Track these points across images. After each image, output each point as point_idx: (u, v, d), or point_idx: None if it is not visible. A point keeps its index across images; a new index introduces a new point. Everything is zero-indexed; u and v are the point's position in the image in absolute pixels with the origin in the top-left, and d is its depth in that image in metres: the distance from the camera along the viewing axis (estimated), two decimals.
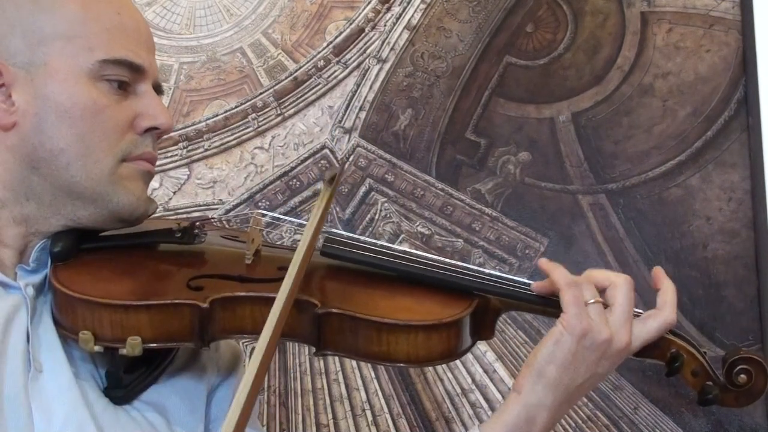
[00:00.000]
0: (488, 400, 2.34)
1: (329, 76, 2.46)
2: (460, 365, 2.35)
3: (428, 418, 2.35)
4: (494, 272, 1.46)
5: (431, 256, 1.48)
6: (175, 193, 2.41)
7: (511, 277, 1.46)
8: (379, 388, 2.34)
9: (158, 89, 1.46)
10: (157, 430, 1.41)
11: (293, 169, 2.43)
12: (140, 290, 1.39)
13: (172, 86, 2.44)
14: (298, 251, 1.34)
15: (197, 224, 1.48)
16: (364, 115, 2.44)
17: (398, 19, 2.46)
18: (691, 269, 2.37)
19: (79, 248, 1.42)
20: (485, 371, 2.35)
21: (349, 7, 2.48)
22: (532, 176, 2.42)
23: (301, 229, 1.42)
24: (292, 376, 2.35)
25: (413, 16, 2.46)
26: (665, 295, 1.43)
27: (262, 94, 2.45)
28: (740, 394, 1.43)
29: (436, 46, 2.46)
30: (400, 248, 1.50)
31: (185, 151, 2.43)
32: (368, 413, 2.34)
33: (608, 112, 2.43)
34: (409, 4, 2.46)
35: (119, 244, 1.45)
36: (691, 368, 1.43)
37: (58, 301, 1.36)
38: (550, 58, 2.46)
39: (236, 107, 2.45)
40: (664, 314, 1.41)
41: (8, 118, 1.38)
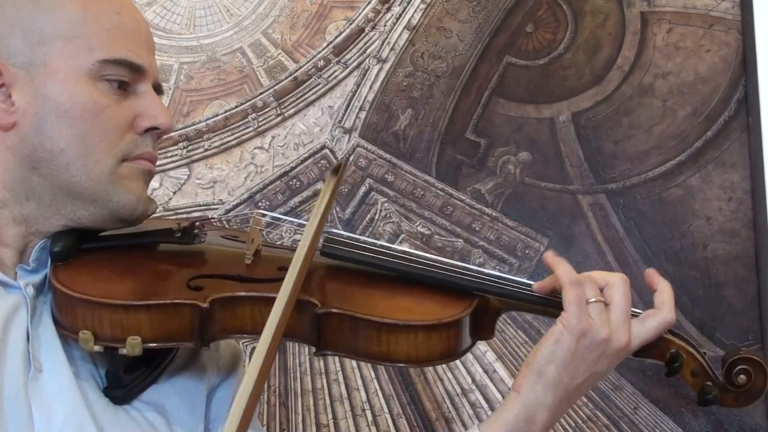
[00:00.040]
0: (488, 400, 2.34)
1: (329, 76, 2.46)
2: (460, 365, 2.35)
3: (428, 418, 2.35)
4: (494, 272, 1.46)
5: (431, 256, 1.49)
6: (175, 193, 2.41)
7: (510, 277, 1.46)
8: (379, 388, 2.34)
9: (158, 89, 1.46)
10: (157, 430, 1.41)
11: (293, 169, 2.43)
12: (140, 290, 1.39)
13: (172, 86, 2.44)
14: (301, 244, 1.34)
15: (197, 224, 1.48)
16: (364, 115, 2.44)
17: (398, 19, 2.46)
18: (691, 269, 2.37)
19: (79, 248, 1.42)
20: (485, 371, 2.35)
21: (349, 7, 2.48)
22: (532, 176, 2.42)
23: (301, 229, 1.43)
24: (292, 376, 2.35)
25: (413, 16, 2.46)
26: (662, 294, 1.43)
27: (262, 94, 2.45)
28: (740, 394, 1.43)
29: (436, 46, 2.46)
30: (399, 248, 1.51)
31: (185, 151, 2.43)
32: (368, 413, 2.34)
33: (608, 112, 2.43)
34: (409, 4, 2.46)
35: (119, 244, 1.45)
36: (690, 368, 1.43)
37: (58, 300, 1.36)
38: (550, 58, 2.46)
39: (236, 107, 2.45)
40: (662, 313, 1.41)
41: (8, 118, 1.38)
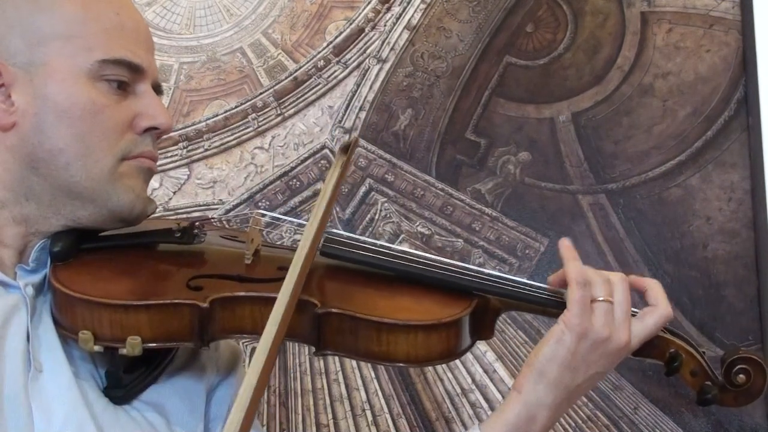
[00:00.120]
0: (488, 400, 2.34)
1: (329, 76, 2.46)
2: (460, 365, 2.35)
3: (428, 418, 2.35)
4: (494, 272, 1.46)
5: (431, 255, 1.49)
6: (175, 193, 2.41)
7: (510, 277, 1.46)
8: (379, 388, 2.34)
9: (158, 89, 1.46)
10: (156, 429, 1.42)
11: (293, 169, 2.43)
12: (140, 290, 1.39)
13: (172, 86, 2.43)
14: (306, 230, 1.35)
15: (197, 224, 1.49)
16: (364, 115, 2.44)
17: (398, 19, 2.46)
18: (691, 269, 2.36)
19: (78, 248, 1.42)
20: (485, 371, 2.35)
21: (349, 7, 2.48)
22: (532, 176, 2.42)
23: (301, 229, 1.42)
24: (292, 376, 2.34)
25: (413, 16, 2.46)
26: (654, 291, 1.44)
27: (262, 94, 2.45)
28: (739, 393, 1.43)
29: (436, 46, 2.46)
30: (399, 248, 1.50)
31: (185, 151, 2.43)
32: (368, 413, 2.34)
33: (608, 112, 2.43)
34: (409, 4, 2.46)
35: (119, 243, 1.45)
36: (689, 368, 1.43)
37: (57, 300, 1.36)
38: (550, 58, 2.46)
39: (236, 107, 2.45)
40: (659, 309, 1.42)
41: (8, 118, 1.38)
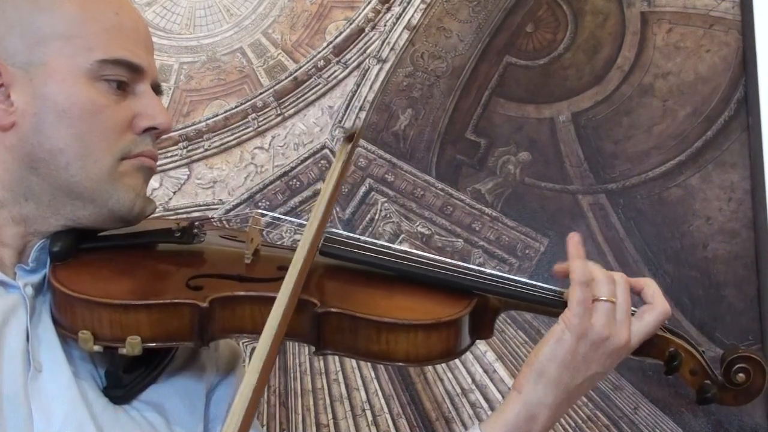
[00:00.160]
0: (488, 400, 2.34)
1: (329, 76, 2.46)
2: (460, 365, 2.35)
3: (428, 418, 2.35)
4: (493, 272, 1.46)
5: (430, 255, 1.49)
6: (175, 193, 2.41)
7: (510, 276, 1.46)
8: (379, 388, 2.34)
9: (157, 89, 1.46)
10: (156, 429, 1.42)
11: (293, 169, 2.43)
12: (139, 290, 1.39)
13: (172, 86, 2.43)
14: (306, 232, 1.35)
15: (196, 224, 1.49)
16: (364, 115, 2.44)
17: (398, 19, 2.46)
18: (691, 269, 2.36)
19: (78, 248, 1.42)
20: (485, 371, 2.35)
21: (349, 7, 2.48)
22: (532, 176, 2.42)
23: (301, 229, 1.42)
24: (292, 376, 2.34)
25: (413, 16, 2.46)
26: (649, 289, 1.44)
27: (262, 94, 2.45)
28: (739, 392, 1.43)
29: (436, 46, 2.46)
30: (399, 248, 1.50)
31: (185, 151, 2.43)
32: (368, 413, 2.34)
33: (608, 112, 2.43)
34: (409, 4, 2.46)
35: (118, 243, 1.45)
36: (689, 367, 1.43)
37: (57, 300, 1.36)
38: (550, 58, 2.46)
39: (236, 107, 2.45)
40: (657, 307, 1.42)
41: (7, 118, 1.38)
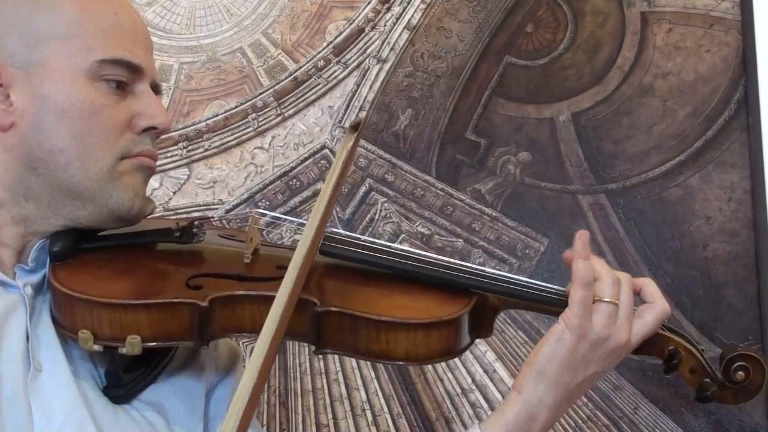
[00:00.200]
0: (488, 400, 2.34)
1: (329, 76, 2.46)
2: (460, 365, 2.35)
3: (428, 418, 2.34)
4: (493, 270, 1.46)
5: (430, 254, 1.49)
6: (175, 193, 2.41)
7: (509, 275, 1.46)
8: (379, 388, 2.34)
9: (156, 89, 1.46)
10: (156, 429, 1.42)
11: (293, 169, 2.43)
12: (139, 289, 1.39)
13: (172, 86, 2.43)
14: (307, 227, 1.35)
15: (196, 223, 1.49)
16: (364, 115, 2.44)
17: (398, 19, 2.46)
18: (691, 269, 2.36)
19: (77, 248, 1.42)
20: (485, 371, 2.35)
21: (349, 7, 2.48)
22: (532, 176, 2.42)
23: (301, 228, 1.43)
24: (292, 376, 2.34)
25: (413, 16, 2.46)
26: (648, 288, 1.44)
27: (262, 94, 2.45)
28: (738, 391, 1.43)
29: (436, 46, 2.46)
30: (398, 246, 1.51)
31: (185, 151, 2.43)
32: (368, 413, 2.34)
33: (608, 112, 2.43)
34: (409, 4, 2.46)
35: (118, 243, 1.45)
36: (689, 365, 1.43)
37: (57, 300, 1.36)
38: (550, 58, 2.46)
39: (236, 107, 2.45)
40: (657, 306, 1.42)
41: (7, 118, 1.38)
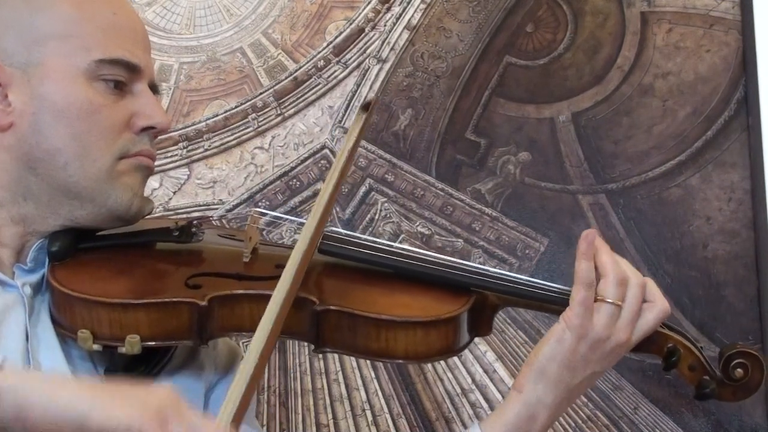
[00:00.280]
0: (488, 400, 2.34)
1: (329, 76, 2.46)
2: (460, 365, 2.35)
3: (428, 418, 2.34)
4: (492, 269, 1.46)
5: (429, 253, 1.49)
6: (175, 193, 2.41)
7: (508, 273, 1.46)
8: (379, 388, 2.34)
9: (154, 88, 1.46)
10: None
11: (293, 169, 2.43)
12: (138, 289, 1.39)
13: (172, 86, 2.43)
14: (312, 215, 1.35)
15: (194, 223, 1.49)
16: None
17: (398, 19, 2.46)
18: (691, 269, 2.36)
19: (76, 248, 1.42)
20: (485, 371, 2.34)
21: (349, 7, 2.48)
22: (532, 176, 2.42)
23: (301, 228, 1.42)
24: (292, 376, 2.34)
25: (413, 16, 2.46)
26: (648, 288, 1.43)
27: (262, 94, 2.45)
28: (737, 388, 1.43)
29: (436, 46, 2.46)
30: (397, 245, 1.51)
31: (185, 151, 2.43)
32: (368, 413, 2.33)
33: (608, 112, 2.43)
34: (409, 4, 2.46)
35: (117, 243, 1.46)
36: (688, 363, 1.43)
37: (56, 300, 1.37)
38: (550, 58, 2.46)
39: (236, 107, 2.45)
40: (657, 305, 1.41)
41: (5, 118, 1.38)
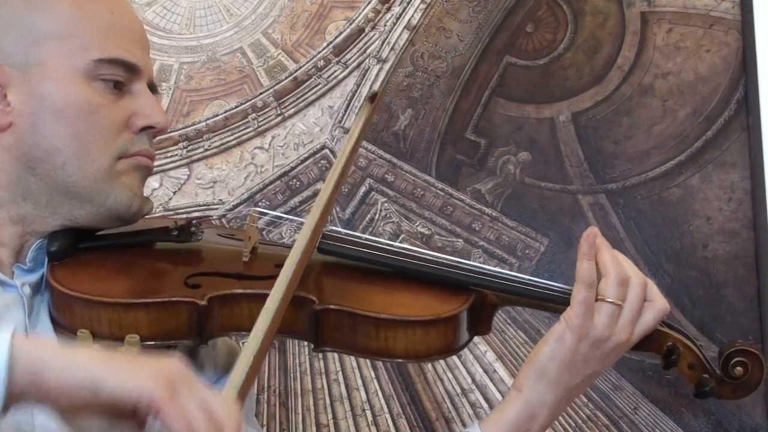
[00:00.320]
0: (488, 400, 2.34)
1: (329, 76, 2.46)
2: (460, 365, 2.35)
3: (428, 418, 2.34)
4: (491, 268, 1.46)
5: (428, 252, 1.49)
6: (175, 193, 2.41)
7: (507, 272, 1.46)
8: (379, 388, 2.34)
9: (153, 88, 1.46)
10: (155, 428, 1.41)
11: (293, 169, 2.43)
12: (138, 288, 1.39)
13: (172, 86, 2.43)
14: (317, 204, 1.35)
15: (194, 222, 1.49)
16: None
17: (398, 19, 2.46)
18: (691, 269, 2.36)
19: (75, 247, 1.42)
20: (485, 371, 2.34)
21: (349, 7, 2.47)
22: (532, 176, 2.42)
23: (300, 227, 1.42)
24: (292, 376, 2.34)
25: (413, 16, 2.46)
26: (648, 287, 1.43)
27: (262, 94, 2.45)
28: (737, 386, 1.43)
29: (436, 46, 2.46)
30: (396, 244, 1.51)
31: (185, 151, 2.43)
32: (368, 413, 2.33)
33: (608, 112, 2.43)
34: (409, 4, 2.46)
35: (116, 242, 1.45)
36: (687, 361, 1.43)
37: (55, 300, 1.36)
38: (550, 58, 2.46)
39: (236, 107, 2.45)
40: (656, 304, 1.42)
41: (4, 118, 1.38)
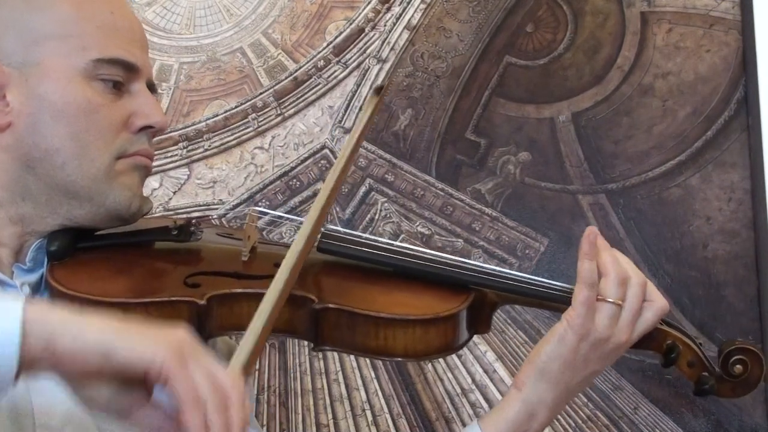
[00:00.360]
0: (488, 400, 2.34)
1: (329, 76, 2.46)
2: (460, 365, 2.35)
3: (428, 418, 2.34)
4: (491, 267, 1.46)
5: (427, 251, 1.49)
6: (175, 193, 2.41)
7: (507, 271, 1.46)
8: (379, 388, 2.34)
9: (152, 88, 1.46)
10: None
11: (293, 169, 2.43)
12: (137, 288, 1.39)
13: (172, 86, 2.43)
14: (320, 196, 1.35)
15: (193, 222, 1.49)
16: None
17: (398, 19, 2.46)
18: (691, 269, 2.36)
19: (75, 247, 1.42)
20: (485, 371, 2.34)
21: (349, 7, 2.48)
22: (532, 176, 2.42)
23: (300, 227, 1.42)
24: (292, 376, 2.34)
25: (413, 16, 2.46)
26: (647, 286, 1.43)
27: (262, 94, 2.45)
28: (737, 384, 1.44)
29: (436, 46, 2.46)
30: (396, 243, 1.51)
31: (185, 151, 2.43)
32: (368, 413, 2.33)
33: (608, 112, 2.43)
34: (409, 4, 2.46)
35: (115, 242, 1.45)
36: (687, 359, 1.44)
37: (55, 299, 1.36)
38: (550, 58, 2.46)
39: (236, 107, 2.45)
40: (656, 303, 1.42)
41: (3, 118, 1.38)
